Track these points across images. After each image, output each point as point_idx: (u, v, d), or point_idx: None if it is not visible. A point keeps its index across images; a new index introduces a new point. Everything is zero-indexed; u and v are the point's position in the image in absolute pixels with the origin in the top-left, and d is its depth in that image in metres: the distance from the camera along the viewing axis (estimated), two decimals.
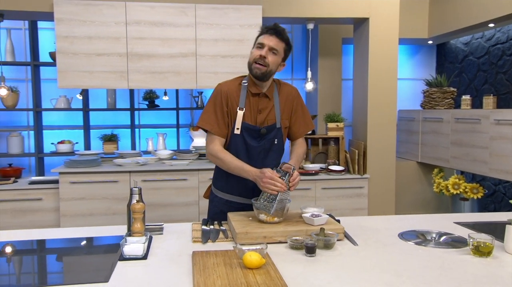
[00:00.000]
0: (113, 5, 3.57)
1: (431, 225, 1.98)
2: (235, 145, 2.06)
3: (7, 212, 3.53)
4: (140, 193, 1.74)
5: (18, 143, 4.43)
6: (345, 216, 4.01)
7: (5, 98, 4.29)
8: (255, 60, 1.96)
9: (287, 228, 1.73)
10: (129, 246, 1.52)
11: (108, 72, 3.61)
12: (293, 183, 1.86)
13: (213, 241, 1.72)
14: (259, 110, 2.06)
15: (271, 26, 1.97)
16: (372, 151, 4.12)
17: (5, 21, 4.51)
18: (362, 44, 4.19)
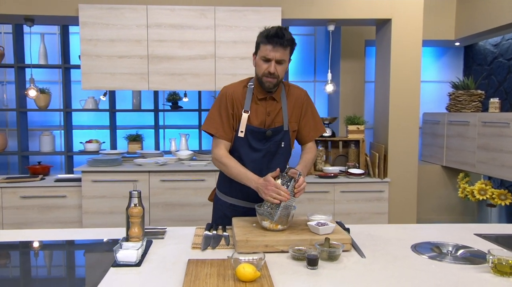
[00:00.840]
0: (135, 9, 3.51)
1: (449, 236, 1.78)
2: (239, 148, 1.93)
3: (34, 208, 3.54)
4: (140, 197, 1.63)
5: (49, 142, 4.48)
6: (365, 220, 3.88)
7: (37, 99, 4.35)
8: (264, 75, 1.83)
9: (290, 236, 1.58)
10: (122, 252, 1.41)
11: (129, 73, 3.56)
12: (298, 189, 1.71)
13: (212, 248, 1.60)
14: (268, 113, 1.93)
15: (272, 32, 1.77)
16: (394, 154, 3.88)
17: (39, 26, 4.58)
18: (384, 46, 3.96)
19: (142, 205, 1.63)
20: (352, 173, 3.88)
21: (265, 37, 1.78)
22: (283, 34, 1.77)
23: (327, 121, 4.16)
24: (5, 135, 4.50)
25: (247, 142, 1.92)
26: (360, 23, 4.07)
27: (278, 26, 1.80)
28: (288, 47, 1.81)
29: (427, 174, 4.96)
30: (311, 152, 2.04)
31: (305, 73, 5.21)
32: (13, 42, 4.32)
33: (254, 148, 1.92)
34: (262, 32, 1.82)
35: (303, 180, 1.73)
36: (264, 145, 1.93)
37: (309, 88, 5.20)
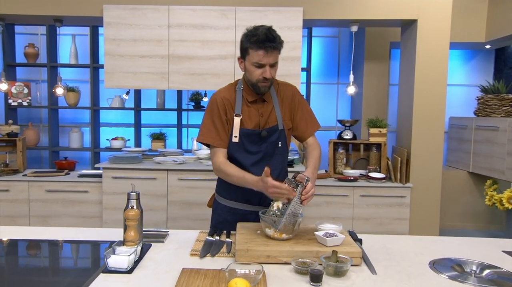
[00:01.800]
0: (157, 9, 3.41)
1: (474, 253, 1.55)
2: (234, 154, 1.78)
3: (58, 202, 3.50)
4: (138, 199, 1.48)
5: (78, 138, 4.46)
6: (384, 226, 3.61)
7: (67, 97, 4.34)
8: (259, 81, 1.68)
9: (294, 247, 1.40)
10: (114, 258, 1.27)
11: (150, 73, 3.46)
12: (305, 196, 1.52)
13: (212, 256, 1.43)
14: (261, 114, 1.77)
15: (262, 37, 1.59)
16: (417, 159, 3.61)
17: (71, 27, 4.58)
18: (409, 48, 3.68)
19: (141, 207, 1.49)
20: (372, 177, 3.64)
21: (255, 42, 1.61)
22: (273, 37, 1.61)
23: (348, 123, 3.92)
24: (38, 131, 4.52)
25: (242, 146, 1.77)
26: (384, 24, 3.81)
27: (264, 28, 1.62)
28: (280, 49, 1.66)
29: (452, 180, 4.64)
30: (316, 148, 1.85)
31: (328, 75, 4.98)
32: (47, 43, 4.32)
33: (250, 151, 1.77)
34: (248, 35, 1.65)
35: (311, 186, 1.54)
36: (260, 147, 1.78)
37: (332, 90, 4.97)
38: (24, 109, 4.61)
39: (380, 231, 3.57)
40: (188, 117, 4.74)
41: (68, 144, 4.47)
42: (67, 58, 4.44)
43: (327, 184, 3.59)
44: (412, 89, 3.59)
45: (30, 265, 1.39)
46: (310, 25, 3.96)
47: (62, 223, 3.50)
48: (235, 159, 1.77)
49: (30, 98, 4.38)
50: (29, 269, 1.37)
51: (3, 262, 1.41)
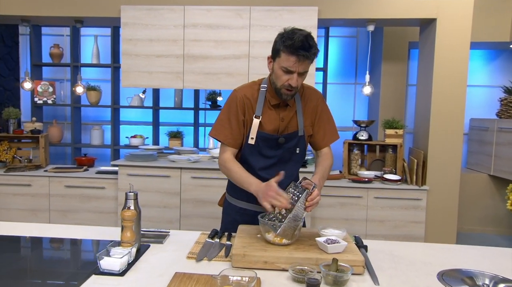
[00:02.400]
0: (173, 9, 3.36)
1: (487, 264, 1.41)
2: (248, 155, 1.67)
3: (76, 197, 3.52)
4: (136, 199, 1.42)
5: (99, 136, 4.49)
6: (399, 228, 3.45)
7: (88, 95, 4.37)
8: (284, 87, 1.54)
9: (294, 253, 1.30)
10: (107, 260, 1.21)
11: (165, 72, 3.42)
12: (310, 203, 1.42)
13: (208, 260, 1.35)
14: (281, 118, 1.65)
15: (298, 44, 1.43)
16: (434, 161, 3.43)
17: (93, 28, 4.62)
18: (428, 47, 3.51)
19: (139, 207, 1.44)
20: (387, 178, 3.48)
21: (289, 47, 1.46)
22: (309, 46, 1.45)
23: (364, 124, 3.78)
24: (62, 128, 4.57)
25: (257, 150, 1.66)
26: (402, 23, 3.64)
27: (302, 34, 1.46)
28: (314, 58, 1.51)
29: (471, 183, 4.41)
30: (328, 159, 1.73)
31: (346, 75, 4.83)
32: (70, 44, 4.36)
33: (265, 155, 1.67)
34: (284, 37, 1.48)
35: (317, 193, 1.44)
36: (277, 151, 1.67)
37: (349, 90, 4.82)
38: (49, 107, 4.67)
39: (395, 233, 3.42)
40: (205, 116, 4.70)
41: (90, 141, 4.51)
42: (90, 58, 4.47)
43: (341, 185, 3.46)
44: (430, 90, 3.42)
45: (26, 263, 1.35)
46: (327, 25, 3.83)
47: (80, 217, 3.51)
48: (247, 162, 1.68)
49: (55, 96, 4.44)
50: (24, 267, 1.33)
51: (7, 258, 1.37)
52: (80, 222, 3.51)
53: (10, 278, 1.17)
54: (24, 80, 3.79)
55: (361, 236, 3.44)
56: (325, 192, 3.44)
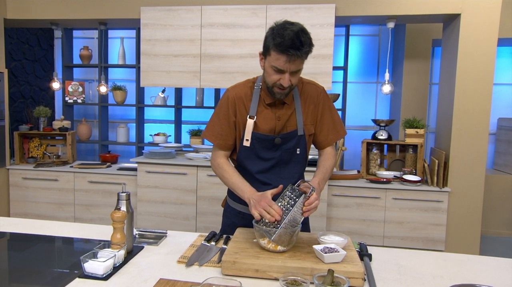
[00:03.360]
0: (190, 9, 3.28)
1: (504, 278, 1.22)
2: (245, 158, 1.53)
3: (99, 192, 3.51)
4: (128, 199, 1.33)
5: (124, 133, 4.49)
6: (418, 231, 3.21)
7: (114, 94, 4.37)
8: (276, 85, 1.39)
9: (287, 262, 1.16)
10: (91, 263, 1.12)
11: (182, 72, 3.35)
12: (308, 207, 1.27)
13: (199, 265, 1.24)
14: (278, 117, 1.49)
15: (288, 42, 1.26)
16: (456, 161, 3.17)
17: (120, 31, 4.62)
18: (451, 44, 3.24)
19: (131, 208, 1.34)
20: (407, 179, 3.26)
21: (279, 45, 1.29)
22: (301, 44, 1.27)
23: (384, 123, 3.56)
24: (90, 126, 4.61)
25: (254, 152, 1.51)
26: (424, 19, 3.38)
27: (292, 31, 1.28)
28: (306, 55, 1.33)
29: (498, 184, 4.08)
30: (330, 159, 1.56)
31: (368, 74, 4.60)
32: (98, 45, 4.38)
33: (263, 157, 1.51)
34: (274, 34, 1.31)
35: (315, 197, 1.28)
36: (275, 153, 1.51)
37: (371, 89, 4.58)
38: (80, 106, 4.73)
39: (413, 236, 3.19)
40: None
41: (116, 138, 4.52)
42: (117, 59, 4.47)
43: (358, 185, 3.27)
44: (453, 88, 3.16)
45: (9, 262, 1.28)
46: (345, 23, 3.62)
47: (102, 212, 3.50)
48: (244, 165, 1.54)
49: (84, 96, 4.48)
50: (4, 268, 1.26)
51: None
52: (102, 217, 3.51)
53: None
54: (53, 80, 3.82)
55: (378, 238, 3.26)
56: (341, 192, 3.26)
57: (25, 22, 3.76)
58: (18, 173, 3.60)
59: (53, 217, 3.58)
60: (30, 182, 3.58)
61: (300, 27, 1.32)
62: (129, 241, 1.31)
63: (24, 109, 4.43)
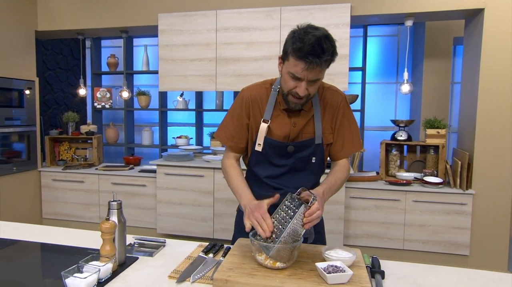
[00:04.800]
0: (206, 14, 3.14)
1: None
2: (256, 163, 1.36)
3: (121, 193, 3.44)
4: (120, 209, 1.18)
5: (149, 136, 4.42)
6: (440, 234, 2.90)
7: (139, 99, 4.31)
8: (291, 93, 1.22)
9: (286, 282, 0.97)
10: (72, 279, 0.98)
11: (199, 75, 3.21)
12: (308, 219, 1.06)
13: (190, 282, 1.07)
14: (293, 123, 1.30)
15: (308, 48, 1.09)
16: (481, 163, 2.85)
17: (143, 38, 4.56)
18: (474, 41, 2.93)
19: (123, 217, 1.19)
20: (428, 181, 2.97)
21: (298, 51, 1.11)
22: (322, 51, 1.09)
23: (403, 123, 3.28)
24: (117, 130, 4.58)
25: (265, 157, 1.33)
26: (444, 16, 3.08)
27: (314, 36, 1.09)
28: (328, 64, 1.15)
29: None
30: (343, 171, 1.35)
31: (387, 74, 4.31)
32: (123, 53, 4.34)
33: (275, 164, 1.33)
34: (294, 38, 1.13)
35: (317, 207, 1.08)
36: (288, 161, 1.32)
37: (391, 90, 4.28)
38: (108, 111, 4.71)
39: (435, 240, 2.90)
40: None
41: (141, 141, 4.46)
42: (141, 65, 4.42)
43: (377, 187, 3.01)
44: (476, 87, 2.84)
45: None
46: (362, 22, 3.37)
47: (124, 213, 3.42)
48: (254, 171, 1.37)
49: (111, 101, 4.45)
50: None
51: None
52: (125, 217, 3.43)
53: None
54: (79, 87, 3.79)
55: (398, 241, 2.98)
56: (359, 194, 3.01)
57: (54, 33, 3.76)
58: (48, 175, 3.59)
59: (80, 216, 3.54)
60: (59, 184, 3.56)
61: (324, 33, 1.12)
62: (121, 253, 1.16)
63: (57, 115, 4.46)
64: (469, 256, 2.92)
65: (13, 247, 1.32)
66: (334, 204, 2.98)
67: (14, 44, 3.38)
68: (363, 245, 3.05)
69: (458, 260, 2.93)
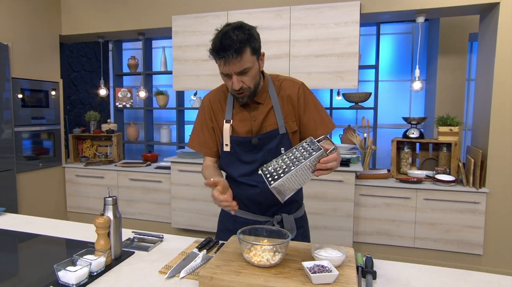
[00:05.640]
0: (217, 15, 3.12)
1: None
2: (228, 164, 1.34)
3: (138, 189, 3.49)
4: (115, 204, 1.17)
5: (167, 134, 4.46)
6: (452, 233, 2.77)
7: (157, 99, 4.36)
8: (233, 91, 1.22)
9: (270, 281, 0.93)
10: (64, 272, 0.98)
11: (211, 75, 3.20)
12: (322, 165, 1.01)
13: (179, 278, 1.05)
14: (253, 117, 1.29)
15: (217, 45, 1.13)
16: (495, 160, 2.70)
17: (162, 40, 4.60)
18: (489, 36, 2.77)
19: (118, 213, 1.18)
20: (439, 179, 2.84)
21: (212, 51, 1.16)
22: (230, 42, 1.11)
23: (415, 121, 3.15)
24: (138, 128, 4.65)
25: (235, 156, 1.32)
26: (457, 11, 2.92)
27: (221, 32, 1.14)
28: (243, 52, 1.13)
29: None
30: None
31: (402, 72, 4.16)
32: (143, 55, 4.39)
33: (245, 161, 1.31)
34: (212, 39, 1.17)
35: (335, 157, 1.02)
36: (256, 155, 1.30)
37: (406, 88, 4.14)
38: (129, 110, 4.79)
39: (447, 238, 2.78)
40: None
41: (160, 139, 4.51)
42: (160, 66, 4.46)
43: (387, 185, 2.91)
44: (490, 83, 2.69)
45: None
46: (373, 20, 3.26)
47: (141, 207, 3.48)
48: (227, 171, 1.36)
49: (132, 101, 4.52)
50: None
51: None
52: (142, 211, 3.48)
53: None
54: (100, 87, 3.87)
55: (409, 239, 2.87)
56: (369, 191, 2.92)
57: (76, 37, 3.85)
58: (72, 170, 3.69)
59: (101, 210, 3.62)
60: (81, 179, 3.65)
61: (235, 25, 1.15)
62: (116, 247, 1.16)
63: (82, 114, 4.58)
64: (482, 256, 2.77)
65: (35, 240, 1.35)
66: (343, 201, 2.90)
67: (40, 48, 3.48)
68: (373, 242, 2.96)
69: (471, 259, 2.80)
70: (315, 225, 2.91)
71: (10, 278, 1.06)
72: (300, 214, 1.43)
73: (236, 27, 1.14)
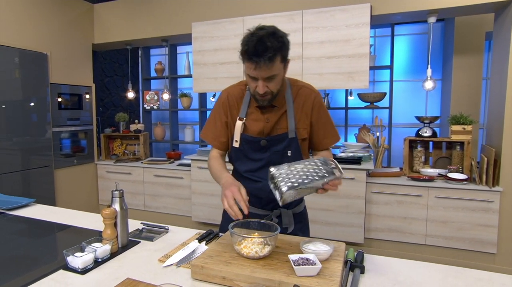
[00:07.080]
0: (233, 21, 3.14)
1: None
2: (236, 159, 1.35)
3: (162, 184, 3.58)
4: (122, 197, 1.21)
5: (191, 134, 4.54)
6: (464, 231, 2.64)
7: (182, 101, 4.45)
8: (255, 93, 1.20)
9: (256, 271, 0.93)
10: (73, 257, 1.03)
11: (228, 77, 3.22)
12: (331, 187, 1.03)
13: (176, 266, 1.07)
14: (266, 119, 1.28)
15: (250, 48, 1.08)
16: (509, 159, 2.55)
17: (185, 46, 4.69)
18: (503, 34, 2.61)
19: (125, 205, 1.22)
20: (451, 177, 2.72)
21: (244, 53, 1.12)
22: (264, 49, 1.07)
23: (427, 120, 3.03)
24: (164, 128, 4.77)
25: (243, 153, 1.32)
26: (471, 10, 2.77)
27: (257, 36, 1.08)
28: (275, 60, 1.10)
29: None
30: (327, 154, 1.33)
31: (418, 72, 4.01)
32: (168, 60, 4.50)
33: (252, 158, 1.31)
34: (242, 41, 1.13)
35: (340, 182, 1.05)
36: (263, 154, 1.30)
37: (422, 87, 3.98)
38: (157, 111, 4.93)
39: (459, 236, 2.65)
40: None
41: (184, 138, 4.60)
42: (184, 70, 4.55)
43: (399, 183, 2.82)
44: (504, 82, 2.54)
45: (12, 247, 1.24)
46: (385, 21, 3.16)
47: (165, 201, 3.56)
48: (234, 166, 1.37)
49: (159, 103, 4.64)
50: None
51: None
52: (166, 205, 3.57)
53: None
54: (127, 90, 4.00)
55: (420, 236, 2.77)
56: (380, 189, 2.84)
57: (107, 45, 4.00)
58: (103, 167, 3.84)
59: (128, 203, 3.75)
60: (111, 175, 3.80)
61: (270, 30, 1.10)
62: (123, 236, 1.19)
63: (113, 115, 4.75)
64: (496, 254, 2.62)
65: (67, 231, 1.42)
66: (354, 198, 2.84)
67: (75, 56, 3.66)
68: (384, 239, 2.87)
69: (484, 257, 2.65)
70: (327, 221, 2.86)
71: (30, 261, 1.12)
72: (299, 209, 1.42)
73: (271, 34, 1.09)
